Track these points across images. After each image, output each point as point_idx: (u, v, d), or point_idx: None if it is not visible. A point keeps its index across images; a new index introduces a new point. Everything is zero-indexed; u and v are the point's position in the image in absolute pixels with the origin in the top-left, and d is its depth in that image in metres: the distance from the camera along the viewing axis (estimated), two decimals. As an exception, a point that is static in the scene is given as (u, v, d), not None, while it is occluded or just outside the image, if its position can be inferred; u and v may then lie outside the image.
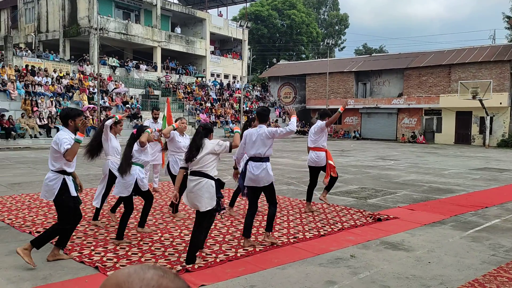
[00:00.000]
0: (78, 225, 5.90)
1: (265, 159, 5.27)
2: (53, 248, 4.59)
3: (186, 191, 4.69)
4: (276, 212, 5.44)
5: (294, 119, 5.51)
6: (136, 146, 5.51)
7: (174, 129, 6.71)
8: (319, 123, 7.25)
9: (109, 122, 6.11)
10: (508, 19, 40.66)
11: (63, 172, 4.56)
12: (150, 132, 5.63)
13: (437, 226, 6.35)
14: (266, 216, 5.57)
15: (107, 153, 6.13)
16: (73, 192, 4.59)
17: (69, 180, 4.61)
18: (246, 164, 5.37)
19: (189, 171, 4.72)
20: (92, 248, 4.96)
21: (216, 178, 4.67)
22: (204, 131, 4.76)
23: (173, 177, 6.61)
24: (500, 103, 28.07)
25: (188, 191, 4.64)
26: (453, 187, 10.25)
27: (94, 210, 6.40)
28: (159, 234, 5.58)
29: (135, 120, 26.02)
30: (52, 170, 4.55)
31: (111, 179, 6.05)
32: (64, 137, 4.50)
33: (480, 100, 26.67)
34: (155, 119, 8.77)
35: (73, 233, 5.51)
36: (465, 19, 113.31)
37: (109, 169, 6.15)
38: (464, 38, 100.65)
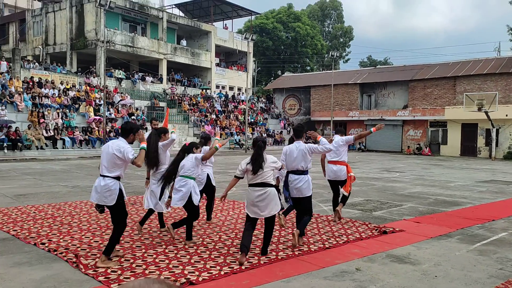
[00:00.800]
0: (83, 236, 5.92)
1: (306, 172, 5.85)
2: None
3: (249, 202, 5.21)
4: (310, 220, 5.94)
5: (322, 139, 6.00)
6: (190, 161, 5.81)
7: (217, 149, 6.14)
8: (344, 137, 7.43)
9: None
10: (512, 32, 40.67)
11: (119, 178, 4.87)
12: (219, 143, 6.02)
13: (444, 239, 6.29)
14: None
15: (163, 162, 6.25)
16: (125, 197, 4.97)
17: (122, 186, 4.93)
18: (286, 176, 5.88)
19: (249, 183, 5.24)
20: (97, 259, 4.95)
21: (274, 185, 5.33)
22: (264, 145, 5.28)
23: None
24: (506, 115, 27.95)
25: (254, 201, 5.16)
26: (459, 199, 10.17)
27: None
28: (163, 246, 5.56)
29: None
30: (109, 177, 4.82)
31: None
32: (128, 146, 4.86)
33: (486, 112, 26.57)
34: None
35: (79, 245, 5.52)
36: (470, 31, 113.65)
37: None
38: (469, 50, 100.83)
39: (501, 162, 25.42)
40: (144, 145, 4.92)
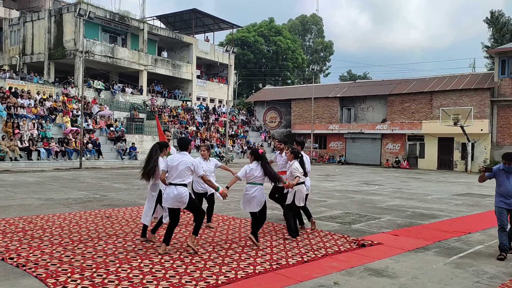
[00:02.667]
0: (54, 251, 5.71)
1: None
2: (192, 236, 5.89)
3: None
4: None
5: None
6: (258, 168, 6.50)
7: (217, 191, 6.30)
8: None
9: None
10: (487, 49, 42.03)
11: (187, 185, 5.95)
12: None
13: (421, 252, 6.32)
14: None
15: (157, 176, 6.36)
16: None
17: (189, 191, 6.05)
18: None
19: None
20: (69, 275, 4.77)
21: None
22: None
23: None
24: (481, 130, 28.67)
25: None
26: (436, 212, 10.29)
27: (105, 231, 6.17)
28: (139, 260, 5.41)
29: (118, 143, 25.76)
30: (184, 185, 5.84)
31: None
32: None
33: (462, 127, 27.20)
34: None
35: (49, 260, 5.32)
36: (446, 48, 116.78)
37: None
38: (445, 67, 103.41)
39: (476, 175, 25.87)
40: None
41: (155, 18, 42.03)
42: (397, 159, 32.55)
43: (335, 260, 5.74)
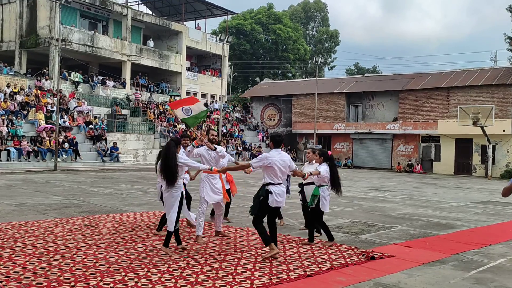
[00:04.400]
0: (27, 262, 5.71)
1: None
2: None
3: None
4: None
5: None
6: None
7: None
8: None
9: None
10: (510, 40, 42.26)
11: None
12: None
13: (437, 266, 6.36)
14: None
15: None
16: None
17: None
18: None
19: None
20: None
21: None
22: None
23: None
24: (503, 131, 28.81)
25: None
26: (453, 222, 10.35)
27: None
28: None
29: (98, 143, 25.73)
30: (281, 184, 6.45)
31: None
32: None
33: (482, 127, 27.34)
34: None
35: (22, 272, 5.32)
36: (464, 39, 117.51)
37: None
38: (464, 60, 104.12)
39: (498, 181, 26.08)
40: None
41: (140, 2, 42.05)
42: (409, 163, 32.68)
43: (342, 274, 5.77)
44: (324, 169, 7.31)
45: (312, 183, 7.51)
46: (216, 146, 7.68)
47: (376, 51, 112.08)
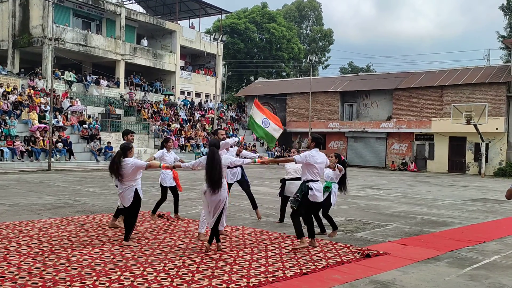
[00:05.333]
0: (22, 262, 5.68)
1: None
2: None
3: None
4: None
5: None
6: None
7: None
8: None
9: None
10: (503, 39, 42.53)
11: None
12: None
13: (432, 263, 6.40)
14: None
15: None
16: None
17: None
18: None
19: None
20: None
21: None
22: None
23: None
24: (496, 129, 29.00)
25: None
26: (447, 219, 10.41)
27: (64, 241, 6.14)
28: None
29: (92, 142, 25.63)
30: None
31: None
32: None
33: (475, 125, 27.50)
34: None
35: (17, 272, 5.30)
36: (457, 38, 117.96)
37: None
38: (457, 58, 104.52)
39: (491, 179, 26.27)
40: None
41: (133, 1, 41.89)
42: (403, 161, 32.81)
43: (337, 272, 5.79)
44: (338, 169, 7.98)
45: (298, 178, 8.03)
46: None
47: (370, 50, 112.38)
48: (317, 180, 7.01)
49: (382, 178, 23.58)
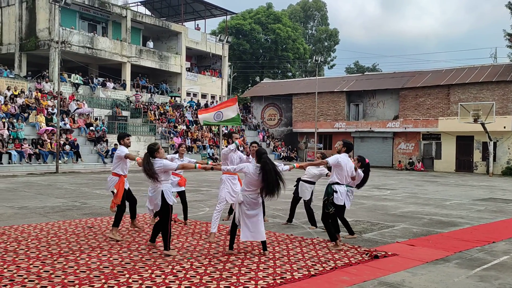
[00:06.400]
0: (31, 266, 5.70)
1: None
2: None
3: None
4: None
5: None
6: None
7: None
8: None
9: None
10: (509, 37, 42.20)
11: None
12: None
13: (441, 264, 6.36)
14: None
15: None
16: None
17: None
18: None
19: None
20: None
21: None
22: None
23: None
24: (504, 127, 28.77)
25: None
26: (456, 219, 10.35)
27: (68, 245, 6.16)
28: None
29: (99, 145, 25.74)
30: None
31: None
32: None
33: (482, 124, 27.31)
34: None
35: (26, 276, 5.32)
36: (463, 36, 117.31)
37: None
38: (463, 57, 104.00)
39: (499, 178, 26.08)
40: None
41: (139, 3, 41.99)
42: (410, 161, 32.67)
43: (346, 273, 5.77)
44: (360, 172, 8.00)
45: (310, 182, 8.54)
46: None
47: (376, 49, 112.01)
48: (343, 184, 7.25)
49: (389, 178, 23.49)
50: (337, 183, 7.20)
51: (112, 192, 7.54)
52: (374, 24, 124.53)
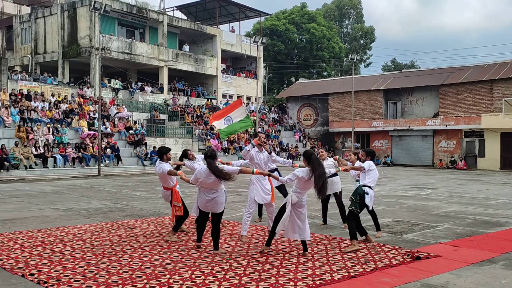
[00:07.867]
0: (76, 266, 5.88)
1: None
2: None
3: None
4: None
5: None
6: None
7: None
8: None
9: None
10: (556, 28, 40.35)
11: None
12: None
13: (487, 266, 6.16)
14: None
15: None
16: None
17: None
18: None
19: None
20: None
21: None
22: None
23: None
24: (552, 123, 27.57)
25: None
26: (502, 219, 9.99)
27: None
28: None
29: (138, 148, 26.29)
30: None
31: None
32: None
33: (528, 120, 26.27)
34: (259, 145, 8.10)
35: (72, 276, 5.49)
36: (505, 28, 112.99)
37: None
38: (506, 50, 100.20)
39: (548, 176, 24.97)
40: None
41: (175, 8, 42.74)
42: (452, 159, 31.78)
43: (387, 275, 5.66)
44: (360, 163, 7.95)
45: (335, 175, 8.61)
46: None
47: (413, 45, 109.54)
48: (373, 187, 7.49)
49: (430, 177, 22.91)
50: (369, 187, 7.42)
51: (175, 205, 7.63)
52: (411, 20, 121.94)
